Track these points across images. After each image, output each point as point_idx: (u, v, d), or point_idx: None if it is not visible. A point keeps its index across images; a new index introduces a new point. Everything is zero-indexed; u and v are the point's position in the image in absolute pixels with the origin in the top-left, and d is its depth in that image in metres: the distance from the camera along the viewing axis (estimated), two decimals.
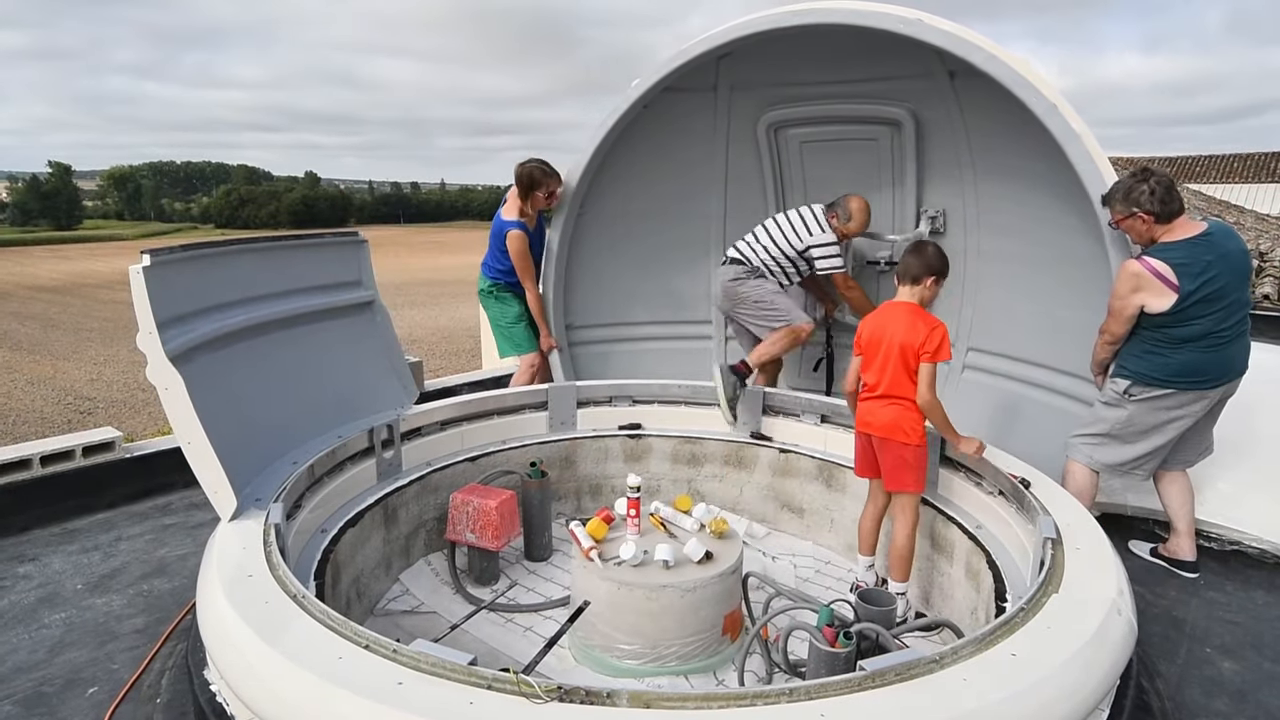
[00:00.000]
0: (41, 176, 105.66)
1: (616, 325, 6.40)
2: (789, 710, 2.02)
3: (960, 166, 5.43)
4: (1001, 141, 5.04)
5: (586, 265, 6.19)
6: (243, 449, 3.38)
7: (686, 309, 6.54)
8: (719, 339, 6.51)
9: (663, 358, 6.32)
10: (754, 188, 6.35)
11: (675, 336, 6.51)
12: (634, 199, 6.21)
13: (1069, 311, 4.77)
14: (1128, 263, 3.87)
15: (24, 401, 19.13)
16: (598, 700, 2.02)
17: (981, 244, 5.46)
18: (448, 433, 4.65)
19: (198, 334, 3.40)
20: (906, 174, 5.71)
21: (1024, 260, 5.19)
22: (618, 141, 5.77)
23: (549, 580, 4.26)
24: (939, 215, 5.64)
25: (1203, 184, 25.25)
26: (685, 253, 6.44)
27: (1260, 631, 3.61)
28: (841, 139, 5.89)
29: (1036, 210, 4.98)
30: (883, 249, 5.93)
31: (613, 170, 5.97)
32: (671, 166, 6.21)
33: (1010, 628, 2.40)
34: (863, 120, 5.71)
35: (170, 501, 4.87)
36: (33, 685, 3.09)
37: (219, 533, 3.03)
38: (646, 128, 5.82)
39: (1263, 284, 10.30)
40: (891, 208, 5.85)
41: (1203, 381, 3.91)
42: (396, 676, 2.11)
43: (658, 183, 6.23)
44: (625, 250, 6.31)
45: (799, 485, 4.81)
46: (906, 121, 5.49)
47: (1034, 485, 3.48)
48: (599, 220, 6.12)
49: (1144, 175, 3.86)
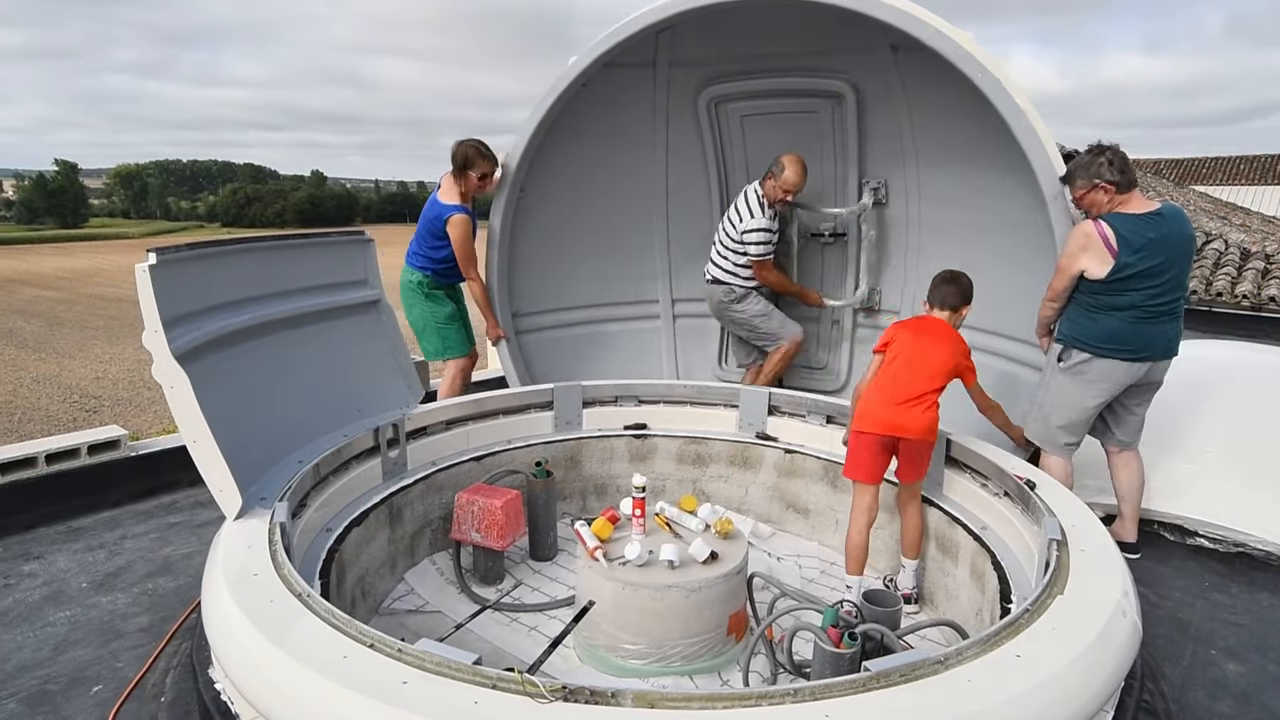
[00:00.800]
0: (48, 174, 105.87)
1: (564, 310, 6.20)
2: (793, 711, 2.02)
3: (902, 138, 5.44)
4: (943, 114, 5.05)
5: (530, 249, 5.94)
6: (248, 448, 3.38)
7: (634, 289, 6.41)
8: (667, 318, 6.46)
9: (613, 340, 6.27)
10: (696, 163, 6.26)
11: (625, 318, 6.40)
12: (576, 179, 6.03)
13: (1013, 279, 4.81)
14: (1083, 223, 4.00)
15: (29, 399, 19.19)
16: (602, 700, 2.01)
17: (924, 214, 5.50)
18: (453, 432, 4.65)
19: (204, 332, 3.41)
20: (848, 146, 5.69)
21: (966, 230, 5.23)
22: (558, 120, 5.56)
23: (554, 580, 4.26)
24: (881, 186, 5.64)
25: (1209, 186, 25.17)
26: (630, 232, 6.33)
27: (1265, 634, 3.59)
28: (782, 112, 5.84)
29: (978, 181, 5.03)
30: (826, 221, 5.94)
31: (554, 150, 5.76)
32: (613, 144, 6.07)
33: (1015, 629, 2.39)
34: (804, 94, 5.67)
35: (175, 500, 4.88)
36: (37, 683, 3.10)
37: (224, 531, 3.03)
38: (587, 105, 5.67)
39: (1269, 286, 10.28)
40: (834, 178, 5.84)
41: (1121, 350, 4.04)
42: (401, 675, 2.11)
43: (600, 161, 6.08)
44: (569, 232, 6.12)
45: (804, 486, 4.81)
46: (848, 94, 5.46)
47: (1039, 487, 3.48)
48: (541, 202, 5.90)
49: (1100, 149, 3.99)
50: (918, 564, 4.00)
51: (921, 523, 3.97)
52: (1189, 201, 14.13)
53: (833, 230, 5.92)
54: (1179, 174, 28.17)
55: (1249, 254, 11.42)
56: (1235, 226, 12.86)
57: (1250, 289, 10.27)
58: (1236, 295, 10.27)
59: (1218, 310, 10.22)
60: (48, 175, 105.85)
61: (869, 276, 5.84)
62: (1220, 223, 12.84)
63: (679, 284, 6.46)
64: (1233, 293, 10.34)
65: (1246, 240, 11.88)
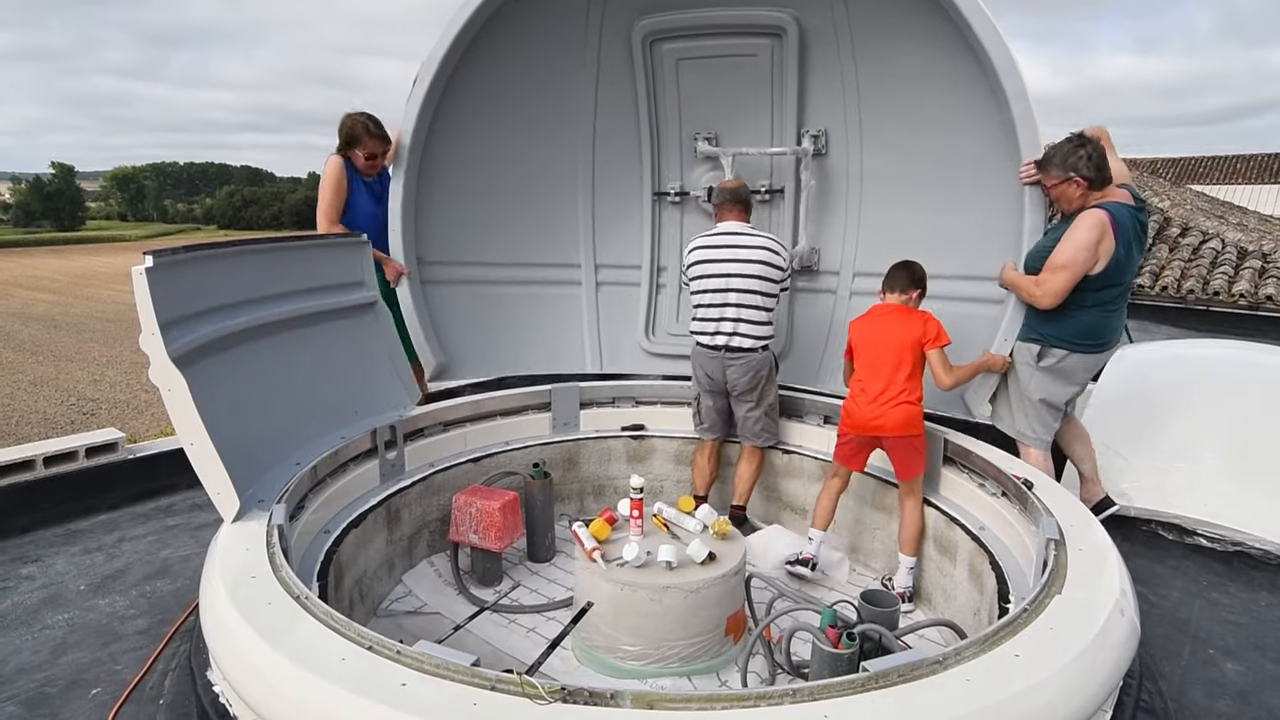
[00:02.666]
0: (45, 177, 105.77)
1: (475, 265, 5.45)
2: (792, 711, 2.02)
3: (844, 78, 5.03)
4: (888, 40, 4.73)
5: (440, 191, 5.18)
6: (245, 450, 3.37)
7: (554, 248, 5.71)
8: (589, 284, 5.80)
9: (529, 305, 5.63)
10: (627, 109, 5.53)
11: (542, 281, 5.70)
12: (494, 114, 5.28)
13: (955, 217, 4.69)
14: (1093, 211, 3.87)
15: (27, 402, 19.18)
16: (601, 701, 2.01)
17: (864, 163, 5.15)
18: (451, 434, 4.66)
19: (200, 335, 3.39)
20: (787, 92, 5.20)
21: (907, 174, 4.94)
22: (474, 48, 4.88)
23: (552, 581, 4.26)
24: (821, 135, 5.20)
25: (1206, 185, 25.20)
26: (552, 181, 5.60)
27: (1263, 633, 3.60)
28: (721, 55, 5.27)
29: (922, 114, 4.76)
30: (761, 177, 5.44)
31: (471, 80, 5.01)
32: (537, 78, 5.32)
33: (1013, 629, 2.39)
34: (744, 30, 5.12)
35: (173, 502, 4.87)
36: (35, 686, 3.09)
37: (222, 534, 3.03)
38: (510, 32, 4.98)
39: (1266, 285, 10.30)
40: (771, 128, 5.35)
41: (1096, 344, 4.07)
42: (400, 677, 2.11)
43: (521, 97, 5.33)
44: (484, 175, 5.36)
45: (802, 486, 4.81)
46: (790, 29, 4.98)
47: (1036, 486, 3.48)
48: (456, 138, 5.15)
49: (1081, 141, 3.91)
50: (914, 562, 4.01)
51: (919, 520, 3.98)
52: (1186, 200, 14.15)
53: (769, 187, 5.42)
54: (1176, 173, 28.21)
55: (1246, 253, 11.44)
56: (1232, 225, 12.87)
57: (1247, 288, 10.29)
58: (1233, 294, 10.29)
59: (1215, 309, 10.23)
60: (44, 178, 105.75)
61: (808, 232, 5.34)
62: (1217, 222, 12.85)
63: (603, 248, 5.78)
64: (1229, 292, 10.36)
65: (1243, 239, 11.90)
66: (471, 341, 5.27)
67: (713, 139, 5.43)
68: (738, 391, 4.56)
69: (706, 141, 5.41)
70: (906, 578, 3.99)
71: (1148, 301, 10.71)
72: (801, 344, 5.47)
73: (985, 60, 4.00)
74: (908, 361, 3.92)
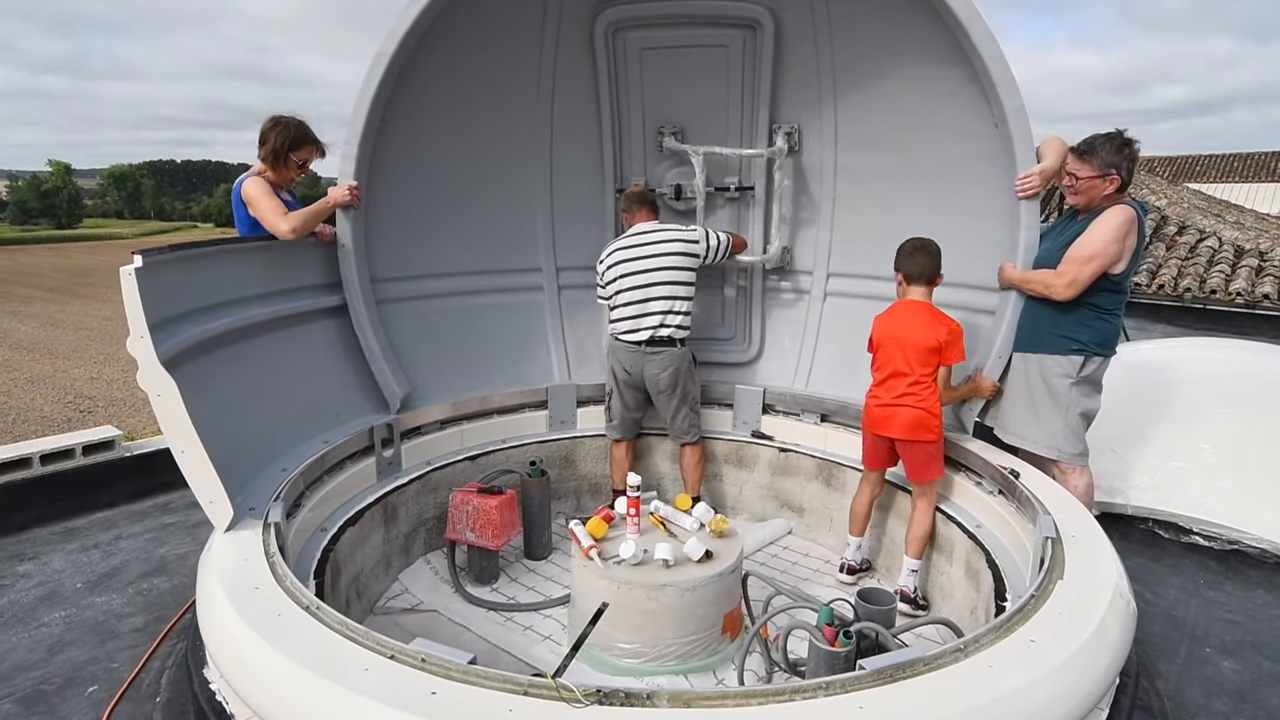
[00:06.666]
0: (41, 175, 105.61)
1: (431, 278, 4.97)
2: (826, 704, 2.04)
3: (820, 74, 4.81)
4: (870, 41, 4.54)
5: (392, 200, 4.67)
6: (235, 455, 3.28)
7: (513, 254, 5.29)
8: (551, 289, 5.43)
9: (490, 316, 5.23)
10: (587, 102, 5.16)
11: (503, 289, 5.29)
12: (447, 112, 4.80)
13: (939, 217, 4.39)
14: (1124, 206, 3.77)
15: (24, 400, 19.14)
16: (637, 702, 2.01)
17: (840, 160, 4.93)
18: (447, 432, 4.66)
19: (188, 337, 3.29)
20: (760, 85, 4.92)
21: (889, 173, 4.74)
22: (427, 41, 4.42)
23: (549, 579, 4.26)
24: (794, 131, 4.97)
25: (1202, 183, 25.21)
26: (509, 183, 5.19)
27: (1260, 631, 3.60)
28: (689, 45, 4.97)
29: (905, 117, 4.56)
30: (730, 175, 5.19)
31: (422, 76, 4.51)
32: (493, 72, 4.91)
33: (1009, 627, 2.40)
34: (716, 21, 4.84)
35: (170, 500, 4.86)
36: (32, 684, 3.09)
37: (216, 542, 2.95)
38: (464, 24, 4.57)
39: (1263, 283, 10.31)
40: (740, 123, 5.07)
41: (1114, 349, 3.95)
42: (429, 686, 2.07)
43: (476, 94, 4.91)
44: (438, 179, 4.90)
45: (799, 484, 4.81)
46: (766, 22, 4.74)
47: (1022, 476, 3.52)
48: (407, 140, 4.62)
49: (1126, 141, 3.79)
50: (919, 564, 3.95)
51: (926, 523, 3.92)
52: (1183, 198, 14.15)
53: (738, 184, 5.17)
54: (1173, 171, 28.23)
55: (1243, 251, 11.44)
56: (1229, 224, 12.87)
57: (1244, 286, 10.29)
58: (1230, 293, 10.29)
59: (1211, 308, 10.24)
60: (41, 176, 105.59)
61: (781, 232, 5.09)
62: (1214, 220, 12.85)
63: (564, 250, 5.39)
64: (1226, 290, 10.36)
65: (1240, 237, 11.90)
66: (435, 364, 4.84)
67: (679, 133, 5.14)
68: (659, 389, 4.61)
69: (673, 136, 5.12)
70: (908, 578, 3.95)
71: (1144, 300, 10.71)
72: (774, 344, 5.31)
73: (983, 73, 3.86)
74: (924, 365, 3.82)
